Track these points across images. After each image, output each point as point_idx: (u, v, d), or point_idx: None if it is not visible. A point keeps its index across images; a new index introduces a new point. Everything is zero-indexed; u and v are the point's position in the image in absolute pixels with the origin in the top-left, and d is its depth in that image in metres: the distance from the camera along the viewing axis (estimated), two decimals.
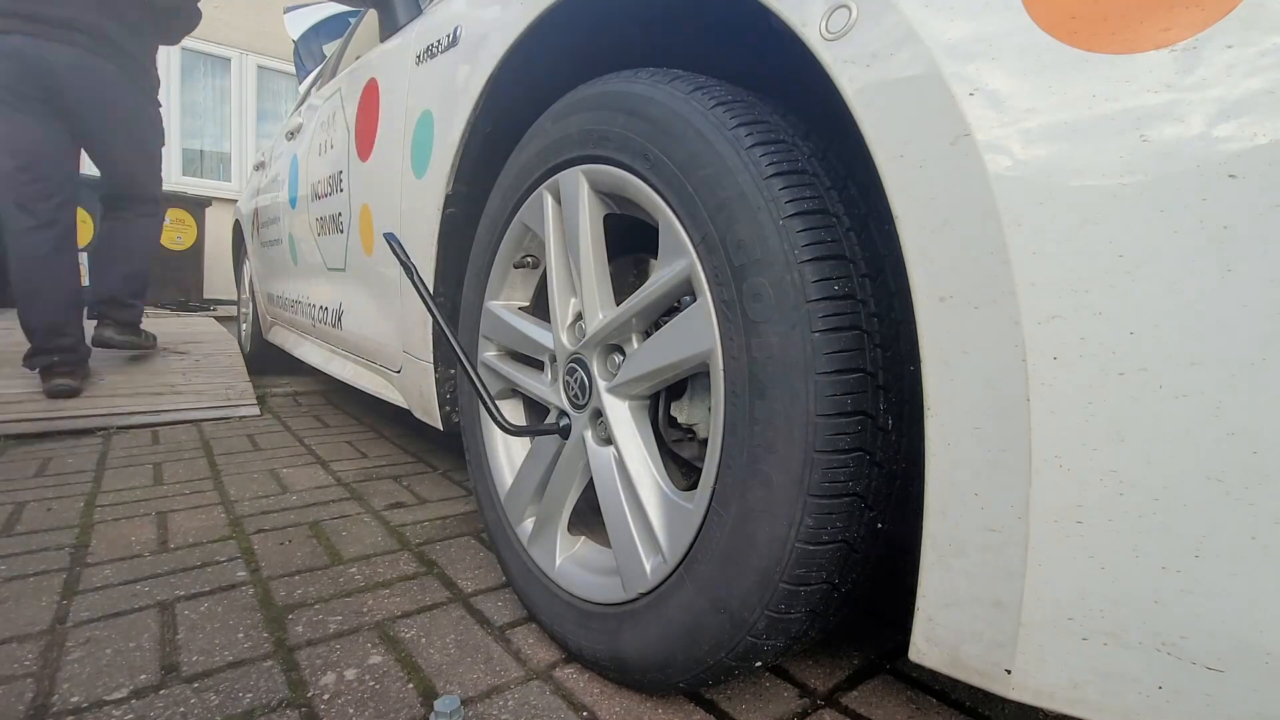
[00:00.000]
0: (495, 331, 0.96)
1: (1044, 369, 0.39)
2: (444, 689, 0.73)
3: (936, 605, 0.47)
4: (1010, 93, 0.40)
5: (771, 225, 0.54)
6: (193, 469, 1.54)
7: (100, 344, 2.23)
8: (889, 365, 0.54)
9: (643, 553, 0.69)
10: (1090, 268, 0.38)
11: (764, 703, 0.72)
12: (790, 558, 0.55)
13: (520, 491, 0.90)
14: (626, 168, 0.69)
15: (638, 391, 0.72)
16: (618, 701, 0.72)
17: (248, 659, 0.77)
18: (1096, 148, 0.38)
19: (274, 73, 5.96)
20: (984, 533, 0.43)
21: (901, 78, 0.45)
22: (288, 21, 3.12)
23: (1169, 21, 0.36)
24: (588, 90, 0.77)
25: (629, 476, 0.70)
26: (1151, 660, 0.38)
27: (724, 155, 0.58)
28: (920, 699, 0.75)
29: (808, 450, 0.53)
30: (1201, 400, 0.35)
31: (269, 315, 2.67)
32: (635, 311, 0.70)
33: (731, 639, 0.60)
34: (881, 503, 0.55)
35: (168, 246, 4.71)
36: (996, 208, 0.40)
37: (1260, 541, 0.35)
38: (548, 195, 0.82)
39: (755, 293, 0.55)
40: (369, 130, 1.42)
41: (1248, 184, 0.34)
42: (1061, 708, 0.42)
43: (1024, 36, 0.41)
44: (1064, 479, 0.39)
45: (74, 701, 0.68)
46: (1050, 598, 0.41)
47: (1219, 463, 0.35)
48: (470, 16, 1.05)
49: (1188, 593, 0.37)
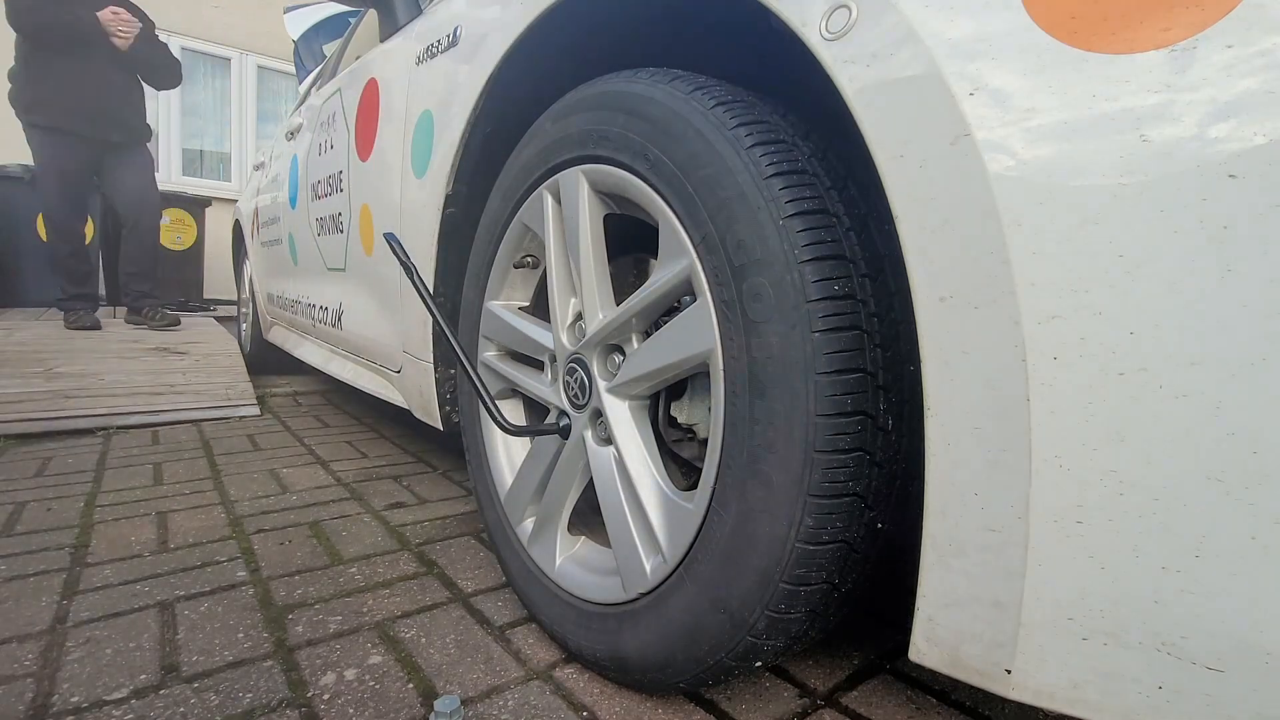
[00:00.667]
0: (495, 331, 0.96)
1: (1044, 369, 0.39)
2: (444, 689, 0.73)
3: (936, 605, 0.47)
4: (1010, 92, 0.40)
5: (771, 225, 0.54)
6: (193, 469, 1.54)
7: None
8: (889, 365, 0.54)
9: (643, 553, 0.69)
10: (1090, 268, 0.38)
11: (764, 703, 0.72)
12: (790, 558, 0.55)
13: (520, 491, 0.90)
14: (626, 168, 0.69)
15: (638, 391, 0.72)
16: (618, 701, 0.72)
17: (248, 659, 0.77)
18: (1096, 147, 0.38)
19: (274, 73, 5.96)
20: (984, 533, 0.43)
21: (902, 78, 0.45)
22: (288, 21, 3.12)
23: (1169, 21, 0.36)
24: (588, 90, 0.77)
25: (629, 476, 0.70)
26: (1151, 660, 0.38)
27: (724, 155, 0.58)
28: (920, 699, 0.75)
29: (808, 450, 0.53)
30: (1201, 400, 0.35)
31: (269, 315, 2.67)
32: (635, 311, 0.70)
33: (731, 639, 0.60)
34: (881, 503, 0.55)
35: (168, 246, 4.71)
36: (996, 207, 0.40)
37: (1260, 541, 0.35)
38: (548, 195, 0.82)
39: (755, 293, 0.55)
40: (369, 130, 1.42)
41: (1248, 184, 0.34)
42: (1061, 708, 0.42)
43: (1024, 36, 0.41)
44: (1064, 479, 0.39)
45: (74, 701, 0.68)
46: (1050, 598, 0.41)
47: (1219, 463, 0.35)
48: (470, 16, 1.05)
49: (1188, 593, 0.37)
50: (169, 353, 2.68)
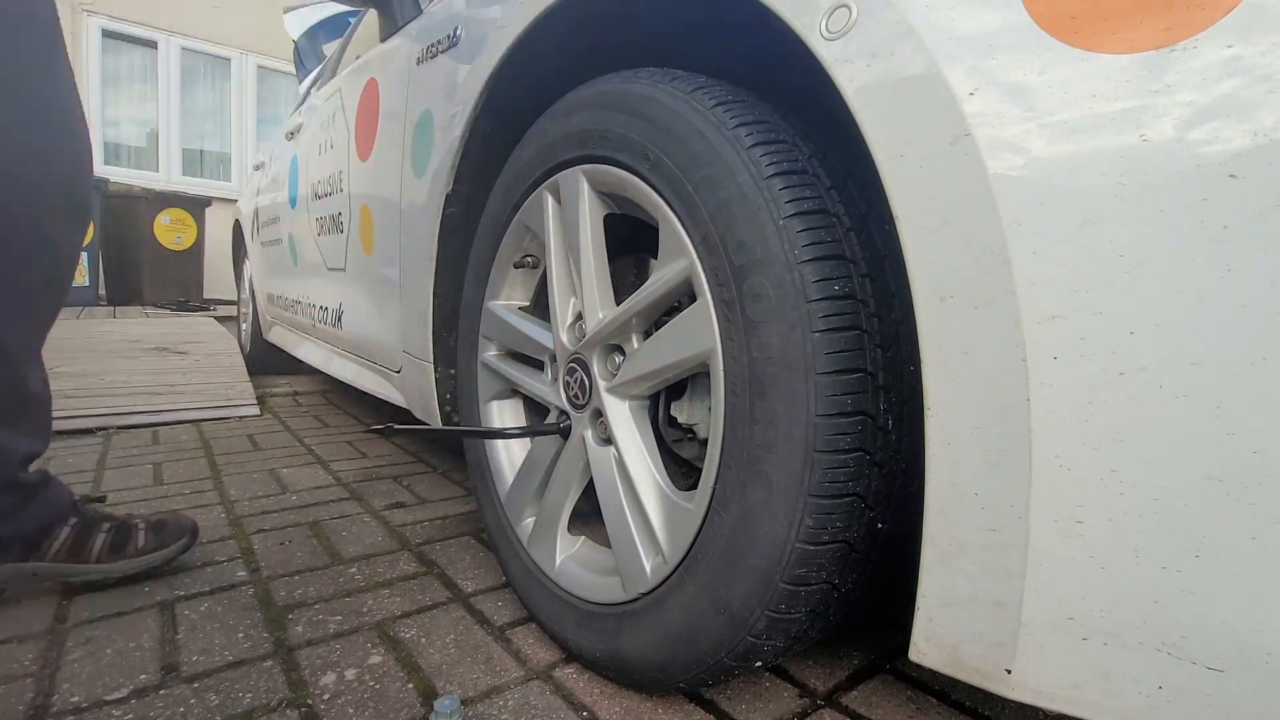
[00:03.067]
0: (495, 331, 0.96)
1: (1044, 369, 0.39)
2: (444, 689, 0.73)
3: (936, 605, 0.47)
4: (1010, 92, 0.40)
5: (771, 225, 0.54)
6: (193, 469, 1.54)
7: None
8: (889, 365, 0.54)
9: (643, 553, 0.69)
10: (1090, 267, 0.38)
11: (764, 703, 0.72)
12: (790, 558, 0.55)
13: (520, 491, 0.90)
14: (627, 168, 0.69)
15: (638, 391, 0.72)
16: (618, 701, 0.72)
17: (248, 659, 0.77)
18: (1097, 147, 0.38)
19: (274, 73, 5.96)
20: (984, 533, 0.43)
21: (902, 77, 0.45)
22: (288, 21, 3.11)
23: (1169, 21, 0.36)
24: (587, 90, 0.77)
25: (629, 476, 0.70)
26: (1152, 660, 0.38)
27: (724, 155, 0.58)
28: (920, 699, 0.75)
29: (808, 450, 0.53)
30: (1202, 400, 0.35)
31: (269, 315, 2.67)
32: (635, 311, 0.70)
33: (732, 639, 0.60)
34: (882, 503, 0.55)
35: (168, 246, 4.71)
36: (997, 207, 0.40)
37: (1260, 541, 0.35)
38: (548, 195, 0.82)
39: (755, 293, 0.55)
40: (369, 130, 1.42)
41: (1248, 184, 0.34)
42: (1062, 708, 0.42)
43: (1024, 36, 0.41)
44: (1064, 479, 0.39)
45: (74, 701, 0.68)
46: (1050, 598, 0.41)
47: (1219, 463, 0.35)
48: (470, 17, 1.05)
49: (1188, 593, 0.37)
50: (169, 353, 2.68)
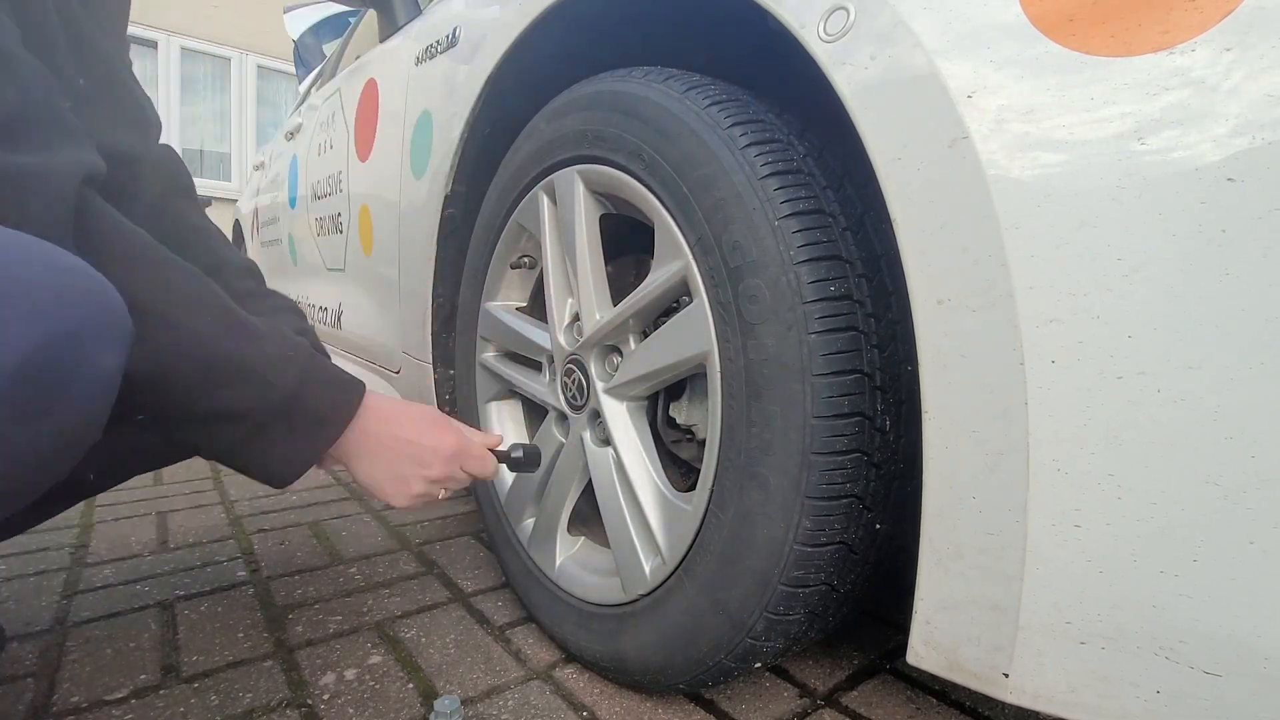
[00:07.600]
0: (493, 332, 0.96)
1: (1042, 372, 0.39)
2: (444, 689, 0.73)
3: (934, 608, 0.47)
4: (1008, 95, 0.40)
5: (767, 226, 0.54)
6: (193, 469, 1.54)
7: None
8: (886, 366, 0.54)
9: (642, 554, 0.69)
10: (1088, 271, 0.37)
11: (764, 703, 0.72)
12: (788, 559, 0.55)
13: (520, 492, 0.90)
14: (622, 168, 0.69)
15: (636, 392, 0.72)
16: (618, 702, 0.72)
17: (248, 659, 0.77)
18: (1095, 150, 0.37)
19: (274, 73, 5.96)
20: (982, 536, 0.43)
21: (899, 80, 0.45)
22: (288, 21, 3.10)
23: (1167, 24, 0.36)
24: (582, 90, 0.77)
25: (627, 477, 0.70)
26: (1149, 664, 0.38)
27: (719, 155, 0.58)
28: (920, 699, 0.75)
29: (805, 452, 0.53)
30: (1199, 404, 0.35)
31: None
32: (632, 312, 0.70)
33: (731, 640, 0.60)
34: (879, 504, 0.55)
35: None
36: (994, 210, 0.40)
37: (1258, 545, 0.34)
38: (543, 196, 0.82)
39: (751, 294, 0.55)
40: (368, 130, 1.41)
41: (1246, 188, 0.33)
42: (1059, 711, 0.42)
43: (1022, 38, 0.40)
44: (1062, 482, 0.39)
45: (74, 701, 0.68)
46: (1048, 601, 0.41)
47: (1217, 466, 0.35)
48: (469, 17, 1.05)
49: (1186, 597, 0.37)
50: None
